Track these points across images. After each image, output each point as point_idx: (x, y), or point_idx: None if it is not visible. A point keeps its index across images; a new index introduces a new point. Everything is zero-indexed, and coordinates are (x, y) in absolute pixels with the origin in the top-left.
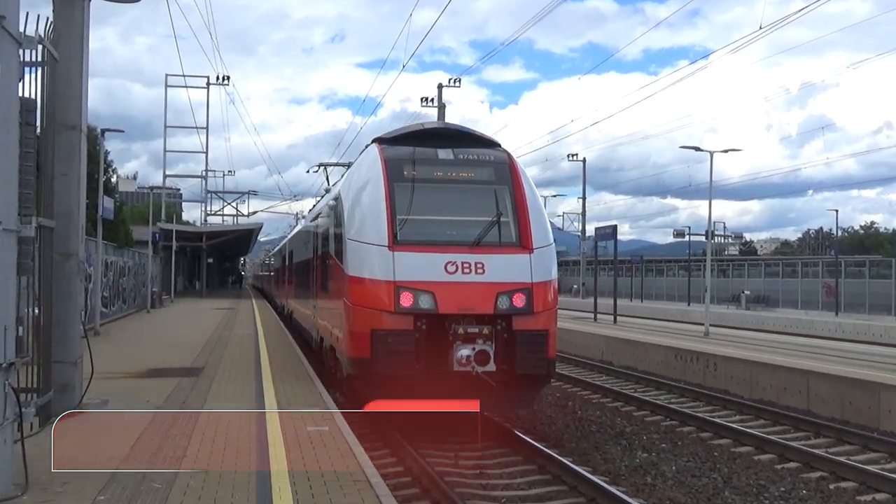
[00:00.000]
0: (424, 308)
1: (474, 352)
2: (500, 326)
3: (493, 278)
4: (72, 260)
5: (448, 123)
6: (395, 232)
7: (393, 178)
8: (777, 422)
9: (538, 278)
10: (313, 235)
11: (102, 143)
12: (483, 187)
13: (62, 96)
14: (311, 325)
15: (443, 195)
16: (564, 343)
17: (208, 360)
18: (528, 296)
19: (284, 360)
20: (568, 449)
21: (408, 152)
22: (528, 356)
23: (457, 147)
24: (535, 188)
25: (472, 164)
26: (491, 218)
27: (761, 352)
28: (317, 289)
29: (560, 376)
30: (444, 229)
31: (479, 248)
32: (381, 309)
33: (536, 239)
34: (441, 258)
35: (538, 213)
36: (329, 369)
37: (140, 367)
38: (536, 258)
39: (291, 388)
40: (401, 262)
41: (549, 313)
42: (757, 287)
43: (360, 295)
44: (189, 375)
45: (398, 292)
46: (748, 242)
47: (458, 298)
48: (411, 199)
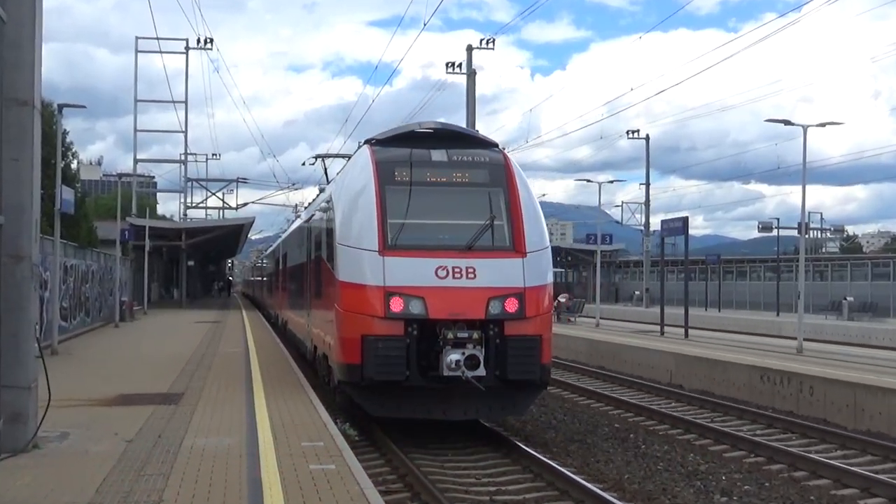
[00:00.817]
0: (415, 313)
1: (464, 356)
2: (493, 332)
3: (485, 283)
4: (24, 264)
5: (444, 124)
6: (385, 237)
7: (384, 181)
8: (888, 457)
9: (531, 283)
10: (307, 237)
11: (60, 122)
12: (477, 190)
13: (10, 65)
14: (306, 334)
15: (435, 198)
16: (623, 363)
17: (189, 384)
18: (520, 300)
19: (281, 382)
20: (630, 492)
21: (400, 154)
22: (520, 362)
23: (451, 148)
24: (531, 190)
25: (467, 165)
26: (484, 221)
27: (868, 372)
28: (310, 295)
29: (619, 402)
30: (435, 233)
31: (472, 253)
32: (372, 314)
33: (530, 243)
34: (432, 263)
35: (533, 215)
36: (322, 378)
37: (107, 392)
38: (530, 262)
39: (290, 415)
40: (391, 268)
41: (543, 318)
42: (862, 292)
43: (350, 300)
44: (166, 403)
45: (388, 298)
46: (851, 237)
47: (449, 303)
48: (403, 202)
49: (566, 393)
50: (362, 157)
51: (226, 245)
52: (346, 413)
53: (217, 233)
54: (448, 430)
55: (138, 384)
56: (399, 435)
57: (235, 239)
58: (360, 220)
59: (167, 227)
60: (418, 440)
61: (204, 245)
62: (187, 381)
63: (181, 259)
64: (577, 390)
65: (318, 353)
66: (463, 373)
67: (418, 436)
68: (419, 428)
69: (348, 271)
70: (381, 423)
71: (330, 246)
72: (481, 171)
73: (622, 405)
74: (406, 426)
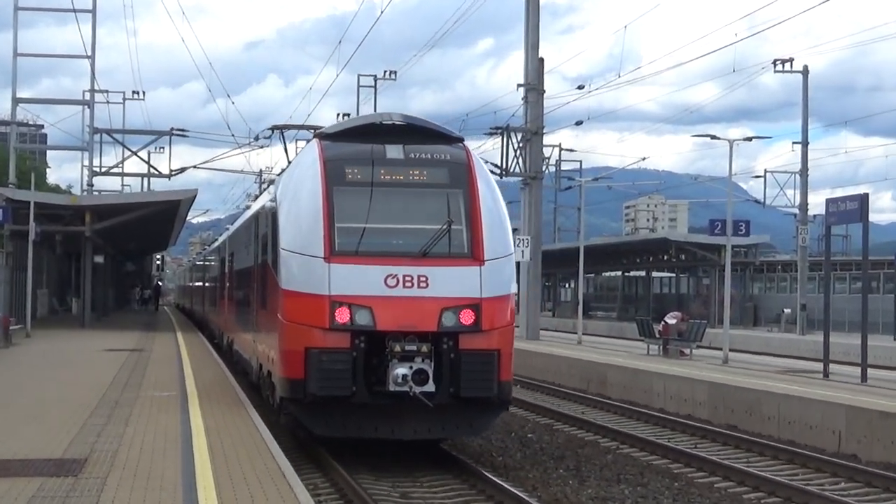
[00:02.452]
0: (362, 324)
1: (412, 370)
2: (446, 345)
3: (438, 293)
4: None
5: (405, 116)
6: (332, 242)
7: (332, 181)
8: None
9: (489, 293)
10: (254, 237)
11: None
12: (435, 191)
13: None
14: (252, 352)
15: (388, 200)
16: (766, 421)
17: (96, 446)
18: (476, 312)
19: (239, 444)
20: None
21: (352, 151)
22: (475, 378)
23: (410, 143)
24: (496, 190)
25: (425, 163)
26: (440, 226)
27: None
28: (257, 306)
29: (761, 483)
30: (387, 239)
31: (425, 260)
32: (316, 325)
33: (490, 249)
34: (381, 270)
35: (495, 219)
36: (265, 398)
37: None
38: (489, 271)
39: (249, 493)
40: (337, 275)
41: (503, 331)
42: None
43: (293, 310)
44: (60, 474)
45: (334, 308)
46: None
47: (399, 314)
48: (352, 205)
49: (677, 466)
50: (310, 153)
51: (153, 232)
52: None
53: (139, 213)
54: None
55: (16, 445)
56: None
57: (168, 223)
58: (305, 224)
59: (63, 203)
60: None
61: (119, 232)
62: (93, 440)
63: (84, 253)
64: (694, 461)
65: (262, 371)
66: (411, 388)
67: (372, 458)
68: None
69: (291, 279)
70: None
71: (274, 250)
72: (440, 170)
73: (766, 487)
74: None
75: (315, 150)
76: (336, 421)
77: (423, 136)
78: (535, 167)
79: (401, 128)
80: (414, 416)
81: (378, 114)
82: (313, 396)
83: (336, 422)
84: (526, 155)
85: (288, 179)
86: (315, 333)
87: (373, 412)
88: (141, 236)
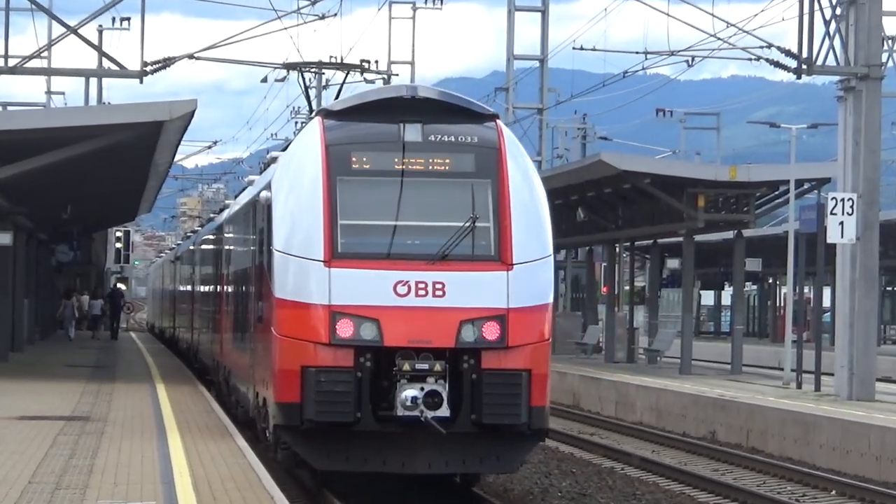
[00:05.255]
0: (367, 339)
1: (423, 392)
2: (467, 364)
3: (456, 302)
4: None
5: (427, 89)
6: (334, 243)
7: (336, 169)
8: None
9: (519, 303)
10: (250, 233)
11: None
12: (457, 181)
13: None
14: (248, 380)
15: (402, 193)
16: None
17: None
18: (502, 325)
19: None
20: None
21: (360, 133)
22: (500, 402)
23: (431, 122)
24: (533, 179)
25: (448, 148)
26: (462, 223)
27: None
28: (253, 321)
29: None
30: (398, 239)
31: (443, 264)
32: (314, 340)
33: (520, 251)
34: (390, 276)
35: (530, 215)
36: (260, 432)
37: None
38: (518, 276)
39: None
40: (339, 282)
41: (535, 348)
42: None
43: (288, 323)
44: None
45: (335, 320)
46: None
47: (410, 328)
48: (359, 198)
49: None
50: (310, 135)
51: (110, 188)
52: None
53: (83, 149)
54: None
55: None
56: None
57: (138, 169)
58: (302, 221)
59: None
60: None
61: (44, 187)
62: None
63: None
64: None
65: (258, 400)
66: (422, 413)
67: None
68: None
69: (286, 286)
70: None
71: (268, 251)
72: (466, 155)
73: None
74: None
75: (316, 132)
76: (339, 452)
77: (447, 113)
78: (869, 54)
79: (421, 102)
80: (428, 446)
81: (395, 86)
82: (311, 423)
83: (339, 453)
84: (848, 32)
85: (286, 165)
86: (313, 350)
87: (381, 442)
88: (87, 196)
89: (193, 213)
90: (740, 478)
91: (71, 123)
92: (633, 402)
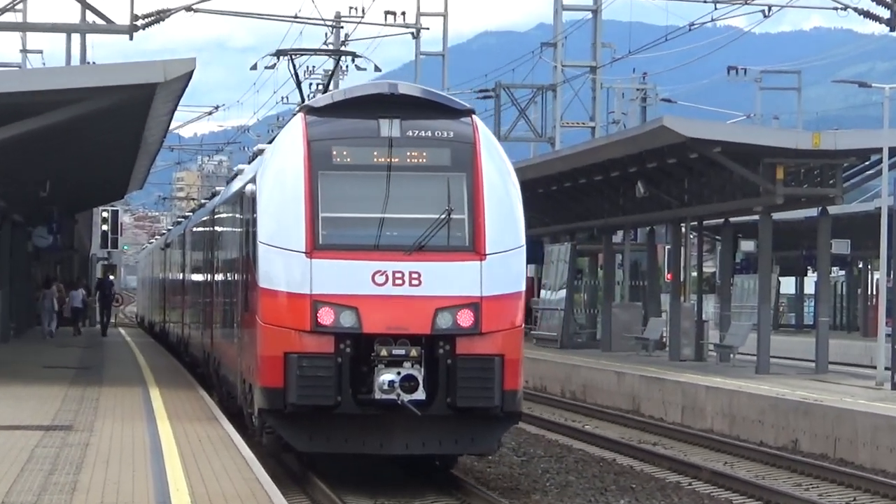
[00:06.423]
0: (347, 326)
1: (399, 376)
2: (442, 350)
3: (432, 291)
4: None
5: (407, 86)
6: (315, 235)
7: (317, 164)
8: None
9: (491, 291)
10: (236, 224)
11: None
12: (433, 175)
13: None
14: (235, 368)
15: (380, 186)
16: None
17: None
18: (475, 312)
19: None
20: None
21: (341, 128)
22: (473, 386)
23: (408, 118)
24: (508, 173)
25: (424, 143)
26: (438, 215)
27: None
28: (240, 310)
29: None
30: (377, 230)
31: (419, 255)
32: (296, 328)
33: (493, 242)
34: (368, 266)
35: (503, 207)
36: (247, 418)
37: None
38: (491, 266)
39: None
40: (320, 272)
41: (507, 334)
42: None
43: (271, 311)
44: None
45: (316, 308)
46: None
47: (387, 315)
48: (339, 191)
49: None
50: (292, 130)
51: (96, 160)
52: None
53: (64, 115)
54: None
55: None
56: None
57: (128, 138)
58: (284, 214)
59: None
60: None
61: (19, 160)
62: None
63: None
64: None
65: (245, 386)
66: (398, 396)
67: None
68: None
69: (270, 276)
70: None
71: (253, 243)
72: (442, 150)
73: None
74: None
75: (298, 127)
76: (320, 434)
77: (425, 109)
78: None
79: (400, 99)
80: (406, 428)
81: (376, 83)
82: (294, 406)
83: (320, 435)
84: None
85: (270, 159)
86: (295, 337)
87: (360, 424)
88: (69, 171)
89: (191, 189)
90: (826, 494)
91: (50, 86)
92: (701, 407)
